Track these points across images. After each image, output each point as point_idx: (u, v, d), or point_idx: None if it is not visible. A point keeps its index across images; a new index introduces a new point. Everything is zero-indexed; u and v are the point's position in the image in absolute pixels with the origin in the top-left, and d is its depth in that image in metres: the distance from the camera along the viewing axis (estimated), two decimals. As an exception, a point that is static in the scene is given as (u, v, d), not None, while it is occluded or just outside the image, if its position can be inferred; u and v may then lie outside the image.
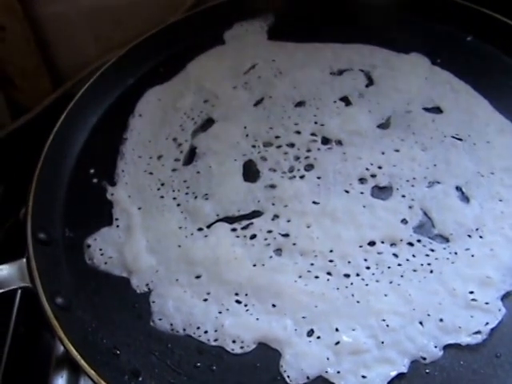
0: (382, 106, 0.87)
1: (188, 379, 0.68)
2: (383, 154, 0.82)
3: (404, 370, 0.65)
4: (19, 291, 0.80)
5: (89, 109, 0.89)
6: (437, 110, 0.87)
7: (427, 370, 0.66)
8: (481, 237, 0.74)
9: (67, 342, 0.67)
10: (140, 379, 0.68)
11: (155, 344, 0.70)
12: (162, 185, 0.82)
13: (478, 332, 0.67)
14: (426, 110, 0.87)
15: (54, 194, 0.82)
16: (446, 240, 0.75)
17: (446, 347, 0.67)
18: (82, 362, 0.66)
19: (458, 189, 0.78)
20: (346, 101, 0.88)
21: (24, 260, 0.73)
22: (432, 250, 0.74)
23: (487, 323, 0.68)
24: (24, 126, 0.99)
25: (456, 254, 0.73)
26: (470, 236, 0.74)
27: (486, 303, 0.69)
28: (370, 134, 0.84)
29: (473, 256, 0.73)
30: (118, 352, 0.70)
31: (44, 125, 0.86)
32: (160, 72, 0.94)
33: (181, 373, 0.68)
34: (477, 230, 0.75)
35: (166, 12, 0.98)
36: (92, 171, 0.85)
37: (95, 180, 0.84)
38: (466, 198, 0.78)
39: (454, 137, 0.83)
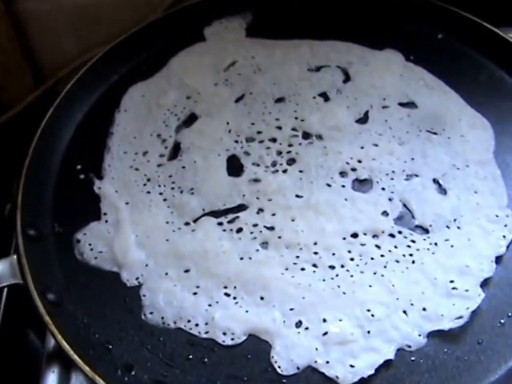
0: (359, 101, 0.87)
1: (180, 372, 0.67)
2: (362, 148, 0.82)
3: (391, 357, 0.66)
4: (6, 289, 0.78)
5: (75, 105, 0.87)
6: (412, 104, 0.86)
7: (412, 358, 0.66)
8: (458, 227, 0.74)
9: (60, 338, 0.66)
10: (133, 373, 0.67)
11: (147, 338, 0.69)
12: (148, 180, 0.81)
13: (460, 317, 0.68)
14: (402, 105, 0.87)
15: (43, 191, 0.80)
16: (426, 231, 0.75)
17: (430, 334, 0.67)
18: (76, 358, 0.65)
19: (436, 181, 0.78)
20: (324, 96, 0.88)
21: (14, 257, 0.72)
22: (413, 241, 0.74)
23: (468, 308, 0.68)
24: (6, 123, 0.95)
25: (436, 244, 0.73)
26: (448, 227, 0.74)
27: (466, 290, 0.69)
28: (348, 128, 0.84)
29: (452, 246, 0.73)
30: (111, 346, 0.69)
31: (26, 122, 0.85)
32: (143, 69, 0.92)
33: (173, 366, 0.67)
34: (455, 220, 0.75)
35: (146, 10, 0.96)
36: (79, 167, 0.83)
37: (82, 176, 0.82)
38: (443, 190, 0.78)
39: (429, 131, 0.83)
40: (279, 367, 0.66)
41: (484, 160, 0.80)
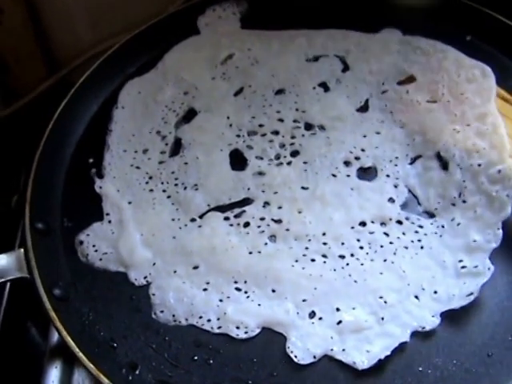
0: (358, 90, 0.85)
1: (185, 372, 0.66)
2: (365, 137, 0.80)
3: (406, 339, 0.65)
4: (8, 284, 0.77)
5: (89, 97, 0.86)
6: (410, 79, 0.84)
7: (420, 368, 0.64)
8: (464, 201, 0.73)
9: (65, 334, 0.65)
10: (137, 372, 0.66)
11: (153, 337, 0.68)
12: (150, 178, 0.79)
13: (471, 293, 0.66)
14: (400, 83, 0.85)
15: (52, 184, 0.79)
16: (432, 215, 0.73)
17: (443, 314, 0.66)
18: (80, 355, 0.64)
19: (438, 156, 0.77)
20: (324, 86, 0.86)
21: (21, 250, 0.70)
22: (420, 227, 0.72)
23: (478, 284, 0.67)
24: (17, 112, 0.93)
25: (443, 227, 0.72)
26: (454, 204, 0.73)
27: (475, 266, 0.68)
28: (350, 118, 0.82)
29: (458, 225, 0.72)
30: (116, 345, 0.67)
31: (37, 112, 0.83)
32: (141, 66, 0.90)
33: (178, 366, 0.66)
34: (459, 195, 0.73)
35: (162, 2, 0.94)
36: (91, 161, 0.81)
37: (94, 170, 0.80)
38: (445, 164, 0.76)
39: (428, 101, 0.81)
40: (296, 357, 0.65)
41: (485, 113, 0.78)
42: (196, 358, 0.66)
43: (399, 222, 0.73)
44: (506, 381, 0.63)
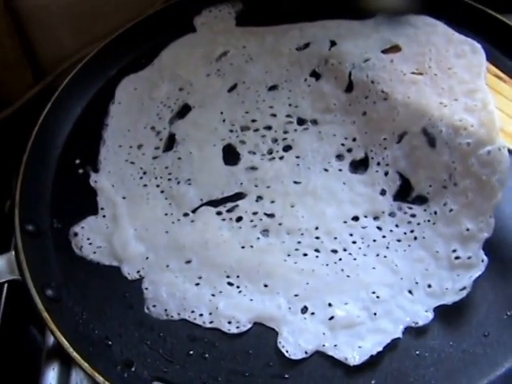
0: (343, 64, 0.82)
1: (181, 368, 0.65)
2: (354, 123, 0.79)
3: (398, 335, 0.64)
4: (6, 285, 0.76)
5: (73, 100, 0.85)
6: (395, 48, 0.82)
7: (417, 352, 0.64)
8: (455, 184, 0.71)
9: (59, 335, 0.65)
10: (133, 369, 0.65)
11: (147, 333, 0.67)
12: (145, 173, 0.79)
13: (464, 288, 0.65)
14: (384, 52, 0.82)
15: (41, 186, 0.78)
16: (425, 200, 0.72)
17: (436, 309, 0.65)
18: (75, 354, 0.64)
19: (425, 132, 0.74)
20: (315, 75, 0.84)
21: (13, 253, 0.70)
22: (413, 216, 0.71)
23: (471, 276, 0.66)
24: (6, 119, 0.93)
25: (436, 213, 0.71)
26: (445, 187, 0.71)
27: (469, 257, 0.67)
28: (338, 105, 0.80)
29: (451, 211, 0.70)
30: (110, 343, 0.67)
31: (26, 118, 0.82)
32: (142, 62, 0.89)
33: (173, 361, 0.65)
34: (450, 177, 0.71)
35: (144, 4, 0.94)
36: (78, 161, 0.81)
37: (81, 170, 0.80)
38: (432, 141, 0.73)
39: (414, 72, 0.79)
40: (287, 351, 0.64)
41: (474, 88, 0.75)
42: (191, 352, 0.66)
43: (392, 214, 0.72)
44: (504, 360, 0.63)
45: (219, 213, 0.74)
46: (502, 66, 0.80)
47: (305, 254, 0.70)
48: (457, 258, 0.67)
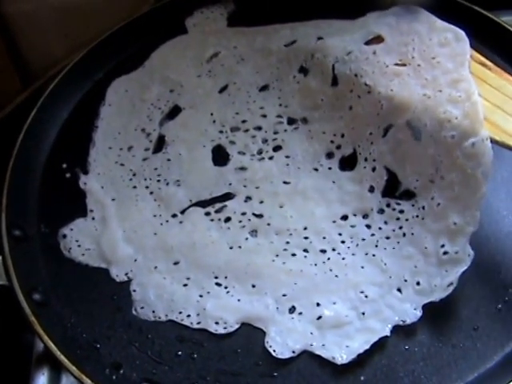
0: (327, 58, 0.80)
1: (170, 368, 0.64)
2: (342, 118, 0.77)
3: (387, 334, 0.63)
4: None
5: (59, 104, 0.85)
6: (378, 39, 0.79)
7: (407, 347, 0.63)
8: (442, 177, 0.69)
9: (46, 339, 0.64)
10: (121, 372, 0.64)
11: (135, 335, 0.67)
12: (134, 175, 0.78)
13: (451, 284, 0.64)
14: (367, 43, 0.80)
15: (28, 191, 0.78)
16: (413, 195, 0.71)
17: (425, 305, 0.64)
18: (62, 358, 0.63)
19: (409, 125, 0.72)
20: (303, 71, 0.82)
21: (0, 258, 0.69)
22: (401, 212, 0.70)
23: (457, 271, 0.65)
24: None
25: (424, 208, 0.69)
26: (432, 181, 0.70)
27: (456, 252, 0.66)
28: (326, 101, 0.79)
29: (438, 205, 0.68)
30: (98, 346, 0.66)
31: (15, 124, 0.82)
32: (128, 64, 0.88)
33: (162, 363, 0.65)
34: (436, 171, 0.70)
35: (133, 7, 0.93)
36: (64, 166, 0.80)
37: (68, 175, 0.79)
38: (417, 134, 0.71)
39: (397, 64, 0.76)
40: (274, 351, 0.63)
41: (458, 78, 0.73)
42: (180, 353, 0.65)
43: (380, 211, 0.71)
44: (494, 353, 0.63)
45: (208, 213, 0.74)
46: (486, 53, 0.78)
47: (293, 254, 0.69)
48: (445, 253, 0.66)
